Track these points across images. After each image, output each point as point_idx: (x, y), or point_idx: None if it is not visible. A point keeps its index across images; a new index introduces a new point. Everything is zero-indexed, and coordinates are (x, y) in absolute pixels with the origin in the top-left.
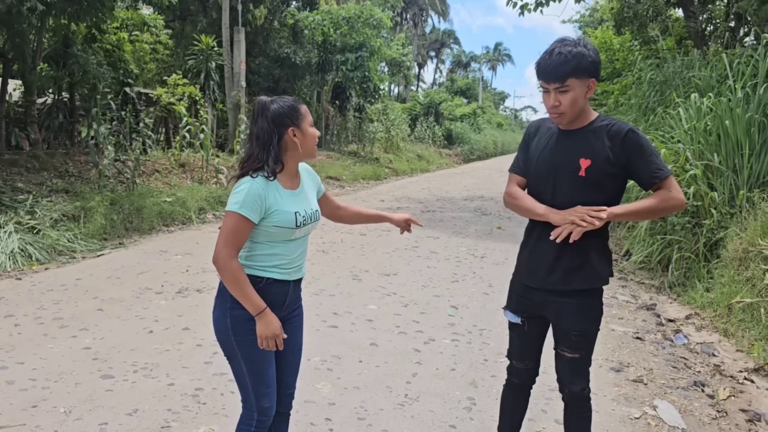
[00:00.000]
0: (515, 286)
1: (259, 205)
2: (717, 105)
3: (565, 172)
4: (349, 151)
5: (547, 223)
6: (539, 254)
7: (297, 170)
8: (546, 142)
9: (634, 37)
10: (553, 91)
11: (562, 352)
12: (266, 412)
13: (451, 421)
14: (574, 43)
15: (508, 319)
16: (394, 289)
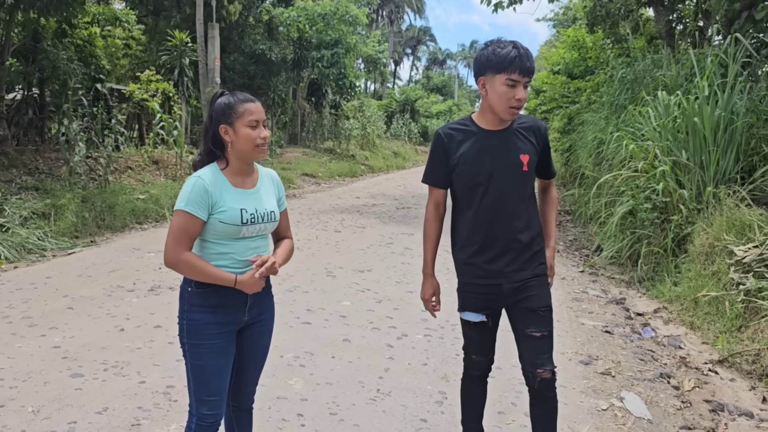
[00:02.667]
0: (472, 287)
1: (205, 200)
2: (685, 103)
3: (508, 169)
4: (325, 147)
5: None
6: (503, 247)
7: (248, 170)
8: (478, 145)
9: (606, 35)
10: (523, 84)
11: (531, 334)
12: (205, 419)
13: (423, 415)
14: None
15: (468, 319)
16: (368, 285)
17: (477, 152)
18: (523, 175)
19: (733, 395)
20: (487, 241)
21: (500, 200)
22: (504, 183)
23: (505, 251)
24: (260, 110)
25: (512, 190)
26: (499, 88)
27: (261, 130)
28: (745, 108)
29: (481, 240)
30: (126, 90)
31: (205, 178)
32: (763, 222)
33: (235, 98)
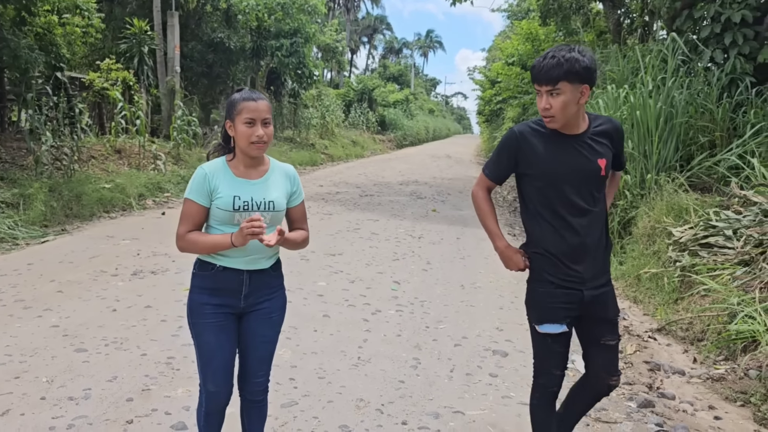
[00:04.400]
0: (553, 295)
1: (204, 188)
2: (630, 96)
3: (586, 173)
4: (285, 137)
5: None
6: (580, 252)
7: (254, 162)
8: (553, 147)
9: (559, 28)
10: (545, 93)
11: (607, 342)
12: (211, 396)
13: (400, 377)
14: (569, 48)
15: (549, 332)
16: (340, 268)
17: (555, 154)
18: (601, 180)
19: (668, 357)
20: (568, 247)
21: (575, 202)
22: (584, 185)
23: (584, 256)
24: (259, 108)
25: (586, 192)
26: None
27: (257, 128)
28: (684, 101)
29: (563, 247)
30: (86, 79)
31: (207, 168)
32: (697, 206)
33: (240, 95)
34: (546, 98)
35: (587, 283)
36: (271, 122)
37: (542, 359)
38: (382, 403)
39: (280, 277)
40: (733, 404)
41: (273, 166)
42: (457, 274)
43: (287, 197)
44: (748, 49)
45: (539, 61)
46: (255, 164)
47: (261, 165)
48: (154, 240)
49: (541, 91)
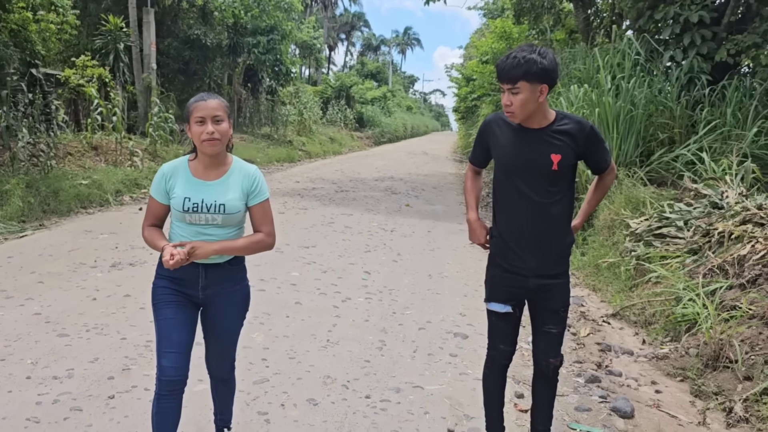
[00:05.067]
0: (501, 278)
1: (162, 186)
2: (591, 95)
3: (538, 167)
4: (263, 133)
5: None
6: (529, 242)
7: (214, 163)
8: (512, 138)
9: (531, 26)
10: (507, 91)
11: (549, 330)
12: (165, 371)
13: (366, 357)
14: (531, 49)
15: (494, 310)
16: (313, 259)
17: (514, 146)
18: (553, 174)
19: (619, 339)
20: (514, 235)
21: (527, 195)
22: (535, 178)
23: (533, 247)
24: (208, 106)
25: (539, 186)
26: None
27: (207, 125)
28: (645, 99)
29: (510, 233)
30: (61, 75)
31: (166, 167)
32: (654, 199)
33: (192, 98)
34: (507, 95)
35: (534, 272)
36: (224, 119)
37: (490, 334)
38: (348, 379)
39: (241, 271)
40: (673, 379)
41: (235, 167)
42: (426, 265)
43: (245, 197)
44: (706, 49)
45: (503, 60)
46: (215, 165)
47: (222, 166)
48: (132, 234)
49: (504, 88)
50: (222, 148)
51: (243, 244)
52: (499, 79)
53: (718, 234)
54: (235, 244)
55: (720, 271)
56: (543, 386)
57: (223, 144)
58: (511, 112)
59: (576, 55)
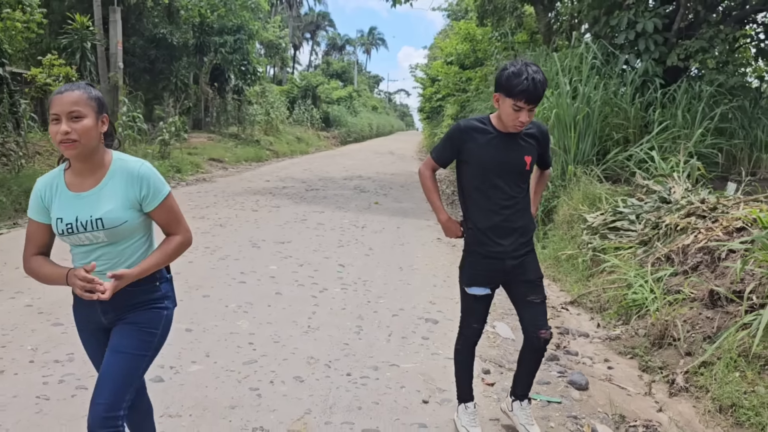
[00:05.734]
0: (480, 264)
1: (40, 205)
2: (550, 96)
3: (514, 166)
4: (230, 133)
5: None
6: (506, 230)
7: (88, 168)
8: (492, 142)
9: (494, 28)
10: (526, 110)
11: (533, 300)
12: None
13: (345, 341)
14: (538, 68)
15: (474, 293)
16: (289, 254)
17: (492, 149)
18: (526, 173)
19: (577, 323)
20: (492, 227)
21: (504, 189)
22: (511, 177)
23: (508, 234)
24: (63, 101)
25: (513, 182)
26: (506, 109)
27: (61, 124)
28: (601, 101)
29: (487, 225)
30: (27, 74)
31: (40, 183)
32: (609, 194)
33: (55, 90)
34: (527, 114)
35: (509, 254)
36: (85, 115)
37: (467, 315)
38: (329, 360)
39: (150, 293)
40: (624, 357)
41: (114, 168)
42: (397, 258)
43: (131, 205)
44: (658, 53)
45: (530, 83)
46: (88, 171)
47: (98, 170)
48: None
49: (524, 108)
50: (86, 150)
51: (160, 259)
52: (532, 102)
53: (665, 226)
54: (152, 261)
55: (666, 260)
56: (531, 358)
57: (85, 146)
58: (523, 126)
59: (537, 57)
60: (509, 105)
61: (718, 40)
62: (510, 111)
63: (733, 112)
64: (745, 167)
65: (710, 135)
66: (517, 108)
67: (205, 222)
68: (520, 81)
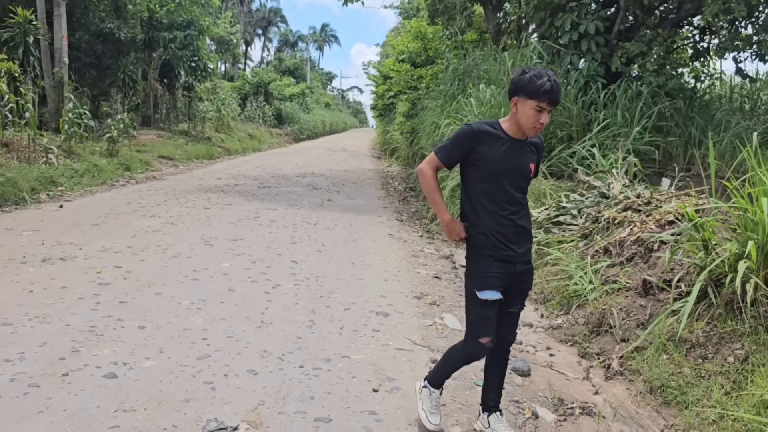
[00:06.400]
0: (493, 266)
1: None
2: (498, 94)
3: (523, 173)
4: (180, 130)
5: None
6: (515, 234)
7: None
8: (504, 148)
9: (445, 27)
10: (548, 112)
11: (514, 310)
12: None
13: (298, 334)
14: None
15: (487, 298)
16: (242, 251)
17: (503, 155)
18: (528, 178)
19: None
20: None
21: (511, 194)
22: (518, 183)
23: (517, 237)
24: None
25: (519, 188)
26: (528, 111)
27: None
28: None
29: (497, 229)
30: None
31: None
32: (553, 190)
33: None
34: (546, 115)
35: (519, 258)
36: None
37: (476, 325)
38: (283, 353)
39: None
40: (565, 345)
41: None
42: (349, 254)
43: None
44: (600, 55)
45: (552, 86)
46: None
47: None
48: (57, 230)
49: (546, 109)
50: None
51: None
52: (554, 103)
53: (604, 220)
54: None
55: (605, 252)
56: (497, 365)
57: None
58: (542, 128)
59: (486, 56)
60: (531, 107)
61: (656, 42)
62: (532, 113)
63: (669, 111)
64: (679, 164)
65: (648, 133)
66: (539, 109)
67: (156, 220)
68: (543, 82)
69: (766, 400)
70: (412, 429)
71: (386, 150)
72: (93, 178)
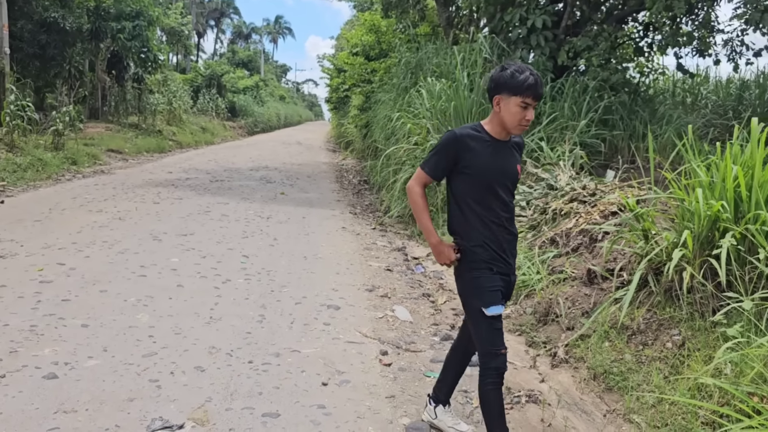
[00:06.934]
0: (493, 279)
1: None
2: (448, 88)
3: (511, 175)
4: (130, 123)
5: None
6: (508, 242)
7: None
8: (489, 151)
9: (398, 20)
10: (532, 107)
11: None
12: None
13: (248, 330)
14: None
15: (494, 314)
16: (192, 246)
17: (490, 158)
18: (516, 181)
19: None
20: (498, 237)
21: (503, 199)
22: (507, 187)
23: (511, 247)
24: None
25: (509, 191)
26: (512, 108)
27: None
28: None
29: (492, 238)
30: None
31: None
32: None
33: None
34: (531, 111)
35: (512, 269)
36: None
37: (491, 341)
38: (231, 349)
39: None
40: (513, 334)
41: None
42: (301, 248)
43: None
44: (548, 49)
45: (534, 78)
46: None
47: None
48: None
49: (531, 105)
50: None
51: None
52: (534, 96)
53: (551, 211)
54: None
55: (552, 243)
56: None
57: None
58: (528, 125)
59: (438, 50)
60: (515, 104)
61: (601, 38)
62: (516, 110)
63: (615, 105)
64: (624, 156)
65: (594, 126)
66: (524, 105)
67: (103, 215)
68: (526, 77)
69: (700, 384)
70: (360, 422)
71: (341, 143)
72: (37, 173)
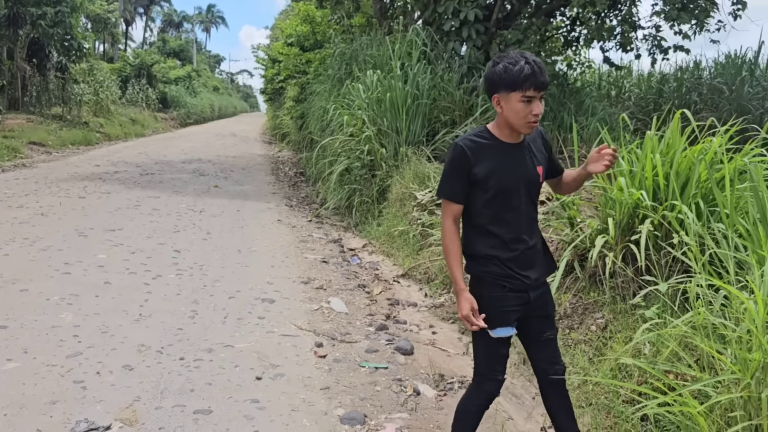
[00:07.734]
0: (506, 299)
1: None
2: (383, 80)
3: (530, 181)
4: (53, 114)
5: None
6: (524, 259)
7: None
8: (502, 157)
9: (333, 11)
10: (539, 98)
11: (549, 337)
12: None
13: (179, 326)
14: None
15: (500, 336)
16: (120, 241)
17: (502, 165)
18: (538, 186)
19: (407, 294)
20: (517, 256)
21: (522, 210)
22: (527, 193)
23: (531, 261)
24: None
25: (530, 200)
26: (515, 106)
27: None
28: (429, 85)
29: (510, 254)
30: None
31: None
32: (436, 173)
33: None
34: (538, 103)
35: (532, 285)
36: None
37: (489, 365)
38: (162, 346)
39: None
40: (447, 323)
41: None
42: (235, 242)
43: None
44: (480, 42)
45: (532, 66)
46: None
47: None
48: None
49: (536, 96)
50: None
51: None
52: (541, 86)
53: None
54: None
55: None
56: (558, 399)
57: None
58: (538, 121)
59: (372, 41)
60: (517, 100)
61: (531, 31)
62: (520, 107)
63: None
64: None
65: None
66: (527, 99)
67: (24, 211)
68: (522, 67)
69: (621, 364)
70: (294, 414)
71: (277, 135)
72: None
